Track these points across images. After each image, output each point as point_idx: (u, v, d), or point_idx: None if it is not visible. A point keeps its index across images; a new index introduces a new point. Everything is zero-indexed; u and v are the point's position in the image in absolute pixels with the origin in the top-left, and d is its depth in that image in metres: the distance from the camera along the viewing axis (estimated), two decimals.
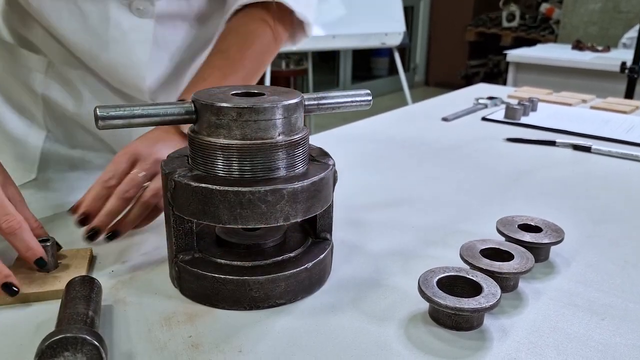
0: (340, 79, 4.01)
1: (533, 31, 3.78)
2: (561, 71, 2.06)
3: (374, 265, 0.45)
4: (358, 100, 0.44)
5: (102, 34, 0.53)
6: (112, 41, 0.53)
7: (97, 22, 0.53)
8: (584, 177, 0.68)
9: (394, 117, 0.98)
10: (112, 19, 0.53)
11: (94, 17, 0.52)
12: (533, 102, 1.00)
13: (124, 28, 0.53)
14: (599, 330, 0.37)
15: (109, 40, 0.53)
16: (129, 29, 0.54)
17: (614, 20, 2.89)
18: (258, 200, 0.36)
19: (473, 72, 4.27)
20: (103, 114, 0.36)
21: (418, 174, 0.68)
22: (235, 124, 0.37)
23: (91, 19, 0.52)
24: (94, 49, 0.54)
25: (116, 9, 0.53)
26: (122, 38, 0.54)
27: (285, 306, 0.39)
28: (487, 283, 0.38)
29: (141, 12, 0.53)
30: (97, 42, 0.53)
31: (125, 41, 0.54)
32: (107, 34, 0.53)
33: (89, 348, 0.30)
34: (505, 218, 0.49)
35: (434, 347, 0.35)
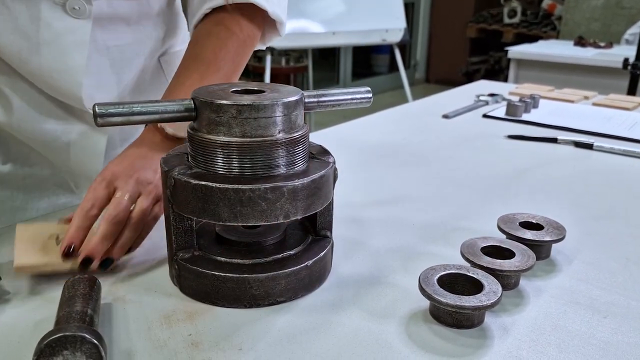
0: (341, 76, 4.00)
1: (535, 27, 3.76)
2: (563, 68, 2.05)
3: (375, 263, 0.45)
4: (358, 98, 0.44)
5: (33, 36, 0.49)
6: (44, 43, 0.49)
7: (27, 22, 0.48)
8: (586, 174, 0.68)
9: (394, 115, 0.98)
10: (44, 19, 0.48)
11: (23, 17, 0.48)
12: (534, 99, 1.00)
13: (57, 29, 0.49)
14: (601, 328, 0.37)
15: (40, 43, 0.49)
16: (63, 31, 0.49)
17: (616, 17, 2.87)
18: (258, 197, 0.36)
19: (474, 69, 4.25)
20: (102, 111, 0.36)
21: (418, 171, 0.68)
22: (235, 121, 0.36)
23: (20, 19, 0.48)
24: (24, 52, 0.49)
25: (48, 9, 0.48)
26: (55, 40, 0.50)
27: (285, 304, 0.39)
28: (488, 281, 0.38)
29: (77, 12, 0.49)
30: (26, 44, 0.49)
31: (59, 44, 0.50)
32: (38, 36, 0.49)
33: (88, 346, 0.29)
34: (507, 215, 0.49)
35: (434, 345, 0.35)
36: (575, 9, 3.00)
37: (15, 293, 0.40)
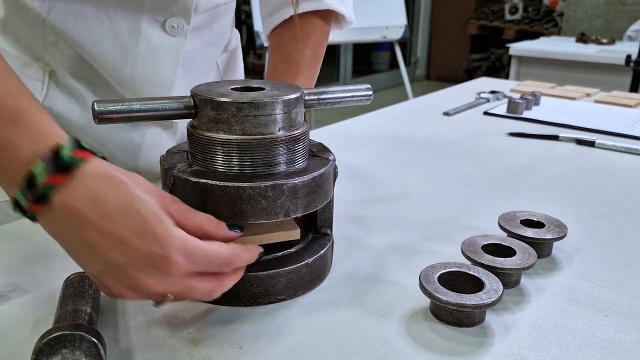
0: (341, 73, 3.99)
1: (536, 24, 3.75)
2: (565, 65, 2.04)
3: (375, 260, 0.45)
4: (359, 95, 0.43)
5: (130, 48, 0.52)
6: (140, 56, 0.52)
7: (127, 35, 0.51)
8: (588, 172, 0.68)
9: (395, 112, 0.97)
10: (143, 34, 0.51)
11: (123, 30, 0.51)
12: (536, 96, 0.99)
13: (154, 44, 0.52)
14: (603, 326, 0.37)
15: (137, 55, 0.52)
16: (159, 46, 0.52)
17: (618, 13, 2.86)
18: (258, 195, 0.36)
19: (475, 66, 4.24)
20: (101, 108, 0.36)
21: (419, 169, 0.68)
22: (235, 119, 0.36)
23: (120, 32, 0.51)
24: (119, 62, 0.52)
25: (148, 25, 0.51)
26: (151, 54, 0.52)
27: (285, 302, 0.39)
28: (488, 279, 0.37)
29: (175, 30, 0.52)
30: (123, 55, 0.52)
31: (154, 57, 0.53)
32: (136, 49, 0.52)
33: (88, 345, 0.29)
34: (508, 213, 0.49)
35: (435, 343, 0.35)
36: (577, 6, 2.99)
37: (14, 291, 0.40)
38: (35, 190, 0.29)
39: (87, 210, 0.29)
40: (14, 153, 0.30)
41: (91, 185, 0.30)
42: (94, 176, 0.30)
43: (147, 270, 0.30)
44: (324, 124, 0.91)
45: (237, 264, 0.33)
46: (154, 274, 0.30)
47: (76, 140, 0.31)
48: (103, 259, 0.30)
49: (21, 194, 0.29)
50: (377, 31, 2.53)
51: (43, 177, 0.29)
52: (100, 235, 0.29)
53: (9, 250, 0.45)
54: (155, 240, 0.29)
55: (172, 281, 0.31)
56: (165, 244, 0.30)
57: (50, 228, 0.31)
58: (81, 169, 0.30)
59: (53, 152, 0.29)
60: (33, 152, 0.30)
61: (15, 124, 0.30)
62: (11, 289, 0.40)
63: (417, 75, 4.57)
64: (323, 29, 0.62)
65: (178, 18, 0.52)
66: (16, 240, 0.47)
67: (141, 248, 0.29)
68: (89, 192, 0.29)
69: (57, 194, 0.29)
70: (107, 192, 0.30)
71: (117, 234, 0.29)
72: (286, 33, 0.60)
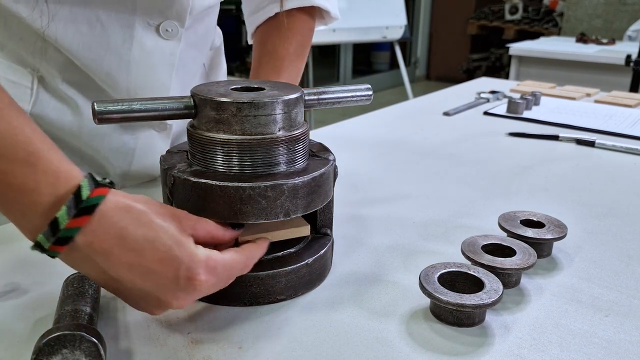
0: (341, 73, 3.99)
1: (536, 24, 3.75)
2: (565, 65, 2.04)
3: (375, 260, 0.45)
4: (359, 95, 0.43)
5: (124, 54, 0.51)
6: (134, 62, 0.51)
7: (120, 41, 0.50)
8: (588, 172, 0.68)
9: (394, 112, 0.97)
10: (137, 39, 0.50)
11: (116, 36, 0.50)
12: (536, 96, 0.99)
13: (148, 49, 0.51)
14: (603, 326, 0.37)
15: (131, 61, 0.51)
16: (153, 51, 0.51)
17: (618, 13, 2.86)
18: (258, 195, 0.36)
19: (475, 66, 4.24)
20: (101, 108, 0.36)
21: (419, 169, 0.68)
22: (235, 119, 0.36)
23: (113, 37, 0.50)
24: (113, 68, 0.51)
25: (142, 30, 0.50)
26: (145, 59, 0.52)
27: (285, 302, 0.39)
28: (489, 279, 0.37)
29: (169, 34, 0.51)
30: (116, 61, 0.51)
31: (148, 62, 0.52)
32: (130, 54, 0.51)
33: (87, 345, 0.29)
34: (508, 213, 0.49)
35: (435, 343, 0.35)
36: (577, 6, 2.99)
37: (14, 291, 0.40)
38: (58, 233, 0.29)
39: (112, 247, 0.30)
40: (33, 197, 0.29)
41: (114, 222, 0.30)
42: (114, 211, 0.30)
43: (176, 294, 0.31)
44: (324, 124, 0.91)
45: (252, 263, 0.36)
46: (182, 295, 0.32)
47: (91, 176, 0.31)
48: (132, 287, 0.31)
49: (44, 238, 0.29)
50: (377, 31, 2.53)
51: (66, 221, 0.29)
52: (127, 268, 0.30)
53: (9, 250, 0.45)
54: (180, 264, 0.31)
55: (200, 294, 0.33)
56: (190, 266, 0.31)
57: (72, 263, 0.32)
58: (102, 208, 0.30)
59: (75, 195, 0.29)
60: (54, 196, 0.29)
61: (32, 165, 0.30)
62: (11, 289, 0.40)
63: (417, 75, 4.57)
64: (308, 26, 0.61)
65: (172, 21, 0.51)
66: (16, 240, 0.47)
67: (169, 274, 0.31)
68: (113, 228, 0.30)
69: (81, 235, 0.29)
70: (128, 225, 0.30)
71: (144, 265, 0.30)
72: (271, 30, 0.59)
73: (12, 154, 0.29)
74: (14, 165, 0.29)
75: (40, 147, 0.30)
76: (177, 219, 0.33)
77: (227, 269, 0.33)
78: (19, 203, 0.30)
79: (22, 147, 0.30)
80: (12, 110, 0.31)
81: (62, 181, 0.30)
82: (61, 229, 0.29)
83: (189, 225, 0.33)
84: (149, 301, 0.32)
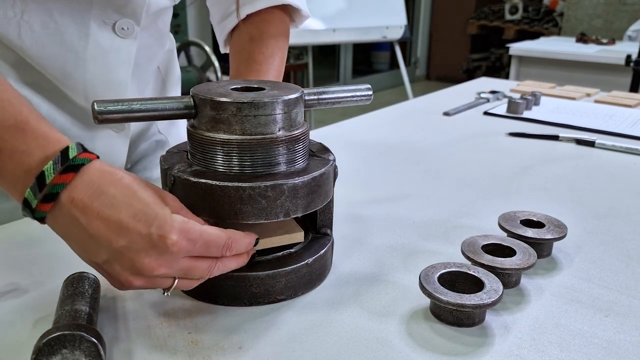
0: (341, 73, 3.99)
1: (536, 24, 3.75)
2: (565, 65, 2.04)
3: (375, 260, 0.45)
4: (359, 95, 0.43)
5: (80, 51, 0.50)
6: (91, 59, 0.50)
7: (75, 38, 0.49)
8: (588, 172, 0.68)
9: (395, 112, 0.97)
10: (92, 37, 0.50)
11: (70, 32, 0.49)
12: (536, 96, 0.99)
13: (103, 47, 0.50)
14: (603, 326, 0.37)
15: (87, 58, 0.50)
16: (110, 49, 0.51)
17: (619, 13, 2.86)
18: (258, 195, 0.36)
19: (475, 65, 4.24)
20: (101, 108, 0.36)
21: (419, 169, 0.68)
22: (235, 119, 0.36)
23: (68, 34, 0.49)
24: (69, 65, 0.50)
25: (97, 27, 0.49)
26: (102, 57, 0.51)
27: (285, 302, 0.39)
28: (488, 279, 0.37)
29: (125, 32, 0.51)
30: (73, 58, 0.50)
31: (105, 60, 0.51)
32: (85, 52, 0.50)
33: (87, 345, 0.29)
34: (508, 213, 0.49)
35: (435, 343, 0.35)
36: (577, 5, 2.99)
37: (14, 291, 0.40)
38: (45, 189, 0.31)
39: (91, 202, 0.31)
40: (24, 158, 0.32)
41: (95, 180, 0.32)
42: (97, 172, 0.32)
43: (149, 252, 0.31)
44: (324, 124, 0.91)
45: (237, 248, 0.35)
46: (154, 255, 0.31)
47: (81, 144, 0.33)
48: (107, 246, 0.32)
49: (32, 194, 0.31)
50: (377, 31, 2.53)
51: (52, 176, 0.31)
52: (103, 223, 0.31)
53: (9, 250, 0.45)
54: (155, 221, 0.31)
55: (173, 262, 0.32)
56: (164, 225, 0.31)
57: (57, 225, 0.33)
58: (86, 167, 0.32)
59: (62, 153, 0.32)
60: (43, 156, 0.32)
61: (23, 131, 0.33)
62: (11, 289, 0.40)
63: (417, 75, 4.57)
64: (282, 27, 0.60)
65: (128, 20, 0.51)
66: (16, 240, 0.47)
67: (142, 230, 0.31)
68: (93, 185, 0.32)
69: (65, 191, 0.32)
70: (109, 184, 0.32)
71: (118, 220, 0.31)
72: (243, 35, 0.59)
73: (2, 122, 0.32)
74: (4, 131, 0.32)
75: (29, 116, 0.33)
76: (162, 194, 0.34)
77: (203, 238, 0.33)
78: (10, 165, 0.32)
79: (11, 116, 0.33)
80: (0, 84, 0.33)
81: (52, 144, 0.33)
82: (47, 183, 0.31)
83: (173, 205, 0.34)
84: (124, 263, 0.32)
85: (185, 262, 0.33)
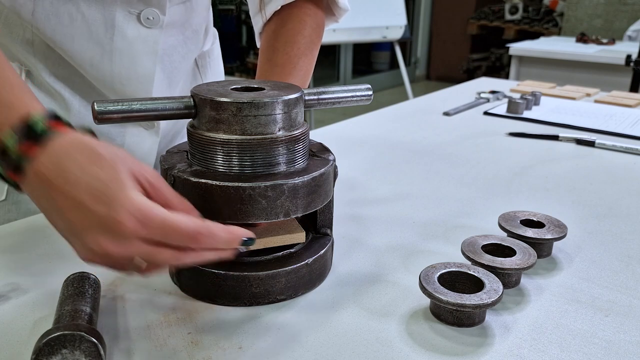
0: (341, 73, 3.99)
1: (536, 24, 3.75)
2: (565, 64, 2.04)
3: (375, 260, 0.45)
4: (359, 95, 0.43)
5: (106, 43, 0.50)
6: (117, 51, 0.51)
7: (102, 30, 0.50)
8: (588, 171, 0.68)
9: (395, 112, 0.97)
10: (118, 28, 0.50)
11: (97, 25, 0.50)
12: (536, 96, 0.99)
13: (130, 38, 0.51)
14: (603, 326, 0.37)
15: (113, 50, 0.51)
16: (135, 39, 0.51)
17: (619, 13, 2.86)
18: (258, 195, 0.36)
19: (475, 65, 4.24)
20: (101, 108, 0.36)
21: (419, 169, 0.68)
22: (235, 119, 0.36)
23: (95, 27, 0.49)
24: (96, 58, 0.51)
25: (123, 18, 0.50)
26: (128, 48, 0.51)
27: (285, 302, 0.39)
28: (489, 279, 0.37)
29: (150, 22, 0.51)
30: (99, 51, 0.50)
31: (131, 51, 0.52)
32: (112, 43, 0.50)
33: (87, 345, 0.29)
34: (508, 213, 0.49)
35: (435, 343, 0.35)
36: (577, 5, 2.99)
37: (14, 291, 0.40)
38: (10, 160, 0.31)
39: (54, 177, 0.31)
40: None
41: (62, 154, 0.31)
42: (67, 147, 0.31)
43: (103, 233, 0.30)
44: (324, 124, 0.91)
45: (209, 243, 0.31)
46: (109, 237, 0.30)
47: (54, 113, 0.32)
48: (66, 220, 0.31)
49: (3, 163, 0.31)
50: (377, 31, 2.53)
51: (15, 147, 0.31)
52: (64, 198, 0.31)
53: (9, 250, 0.45)
54: (108, 202, 0.30)
55: (128, 245, 0.30)
56: (117, 206, 0.30)
57: (29, 193, 0.33)
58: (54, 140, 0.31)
59: (23, 122, 0.31)
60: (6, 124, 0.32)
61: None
62: (11, 289, 0.40)
63: (417, 75, 4.57)
64: (316, 21, 0.58)
65: (153, 9, 0.51)
66: (16, 240, 0.47)
67: (96, 210, 0.30)
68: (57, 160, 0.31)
69: (30, 164, 0.31)
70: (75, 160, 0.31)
71: (76, 197, 0.31)
72: (269, 32, 0.57)
73: None
74: None
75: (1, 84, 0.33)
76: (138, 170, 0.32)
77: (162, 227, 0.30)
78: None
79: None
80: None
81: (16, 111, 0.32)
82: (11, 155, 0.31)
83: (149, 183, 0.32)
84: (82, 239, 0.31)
85: (142, 247, 0.31)
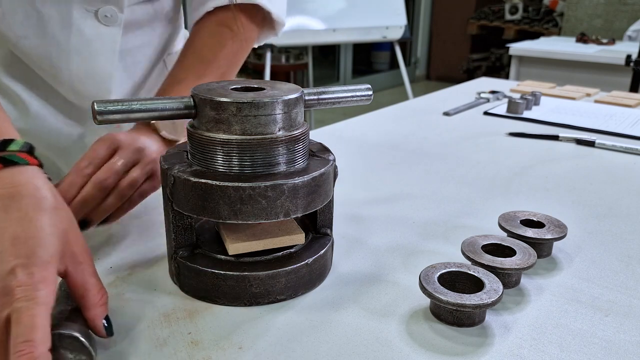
0: (341, 73, 3.99)
1: (536, 24, 3.75)
2: (565, 65, 2.04)
3: (375, 260, 0.45)
4: (359, 95, 0.43)
5: (63, 41, 0.49)
6: (74, 50, 0.49)
7: (58, 27, 0.48)
8: (588, 171, 0.68)
9: (395, 112, 0.97)
10: (75, 26, 0.49)
11: (53, 22, 0.48)
12: (536, 96, 0.99)
13: (87, 36, 0.49)
14: (603, 326, 0.37)
15: (71, 49, 0.49)
16: (93, 37, 0.50)
17: (619, 13, 2.86)
18: (258, 195, 0.36)
19: (475, 65, 4.24)
20: (101, 108, 0.36)
21: (419, 169, 0.68)
22: (235, 119, 0.36)
23: (51, 24, 0.48)
24: (53, 57, 0.49)
25: (80, 16, 0.48)
26: (86, 46, 0.50)
27: (285, 302, 0.39)
28: (489, 279, 0.37)
29: (108, 19, 0.50)
30: (56, 49, 0.49)
31: (89, 50, 0.50)
32: (69, 42, 0.49)
33: (69, 341, 0.29)
34: (508, 213, 0.49)
35: (435, 343, 0.35)
36: (577, 5, 2.99)
37: None
38: None
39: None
40: None
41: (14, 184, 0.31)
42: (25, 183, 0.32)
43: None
44: (324, 124, 0.91)
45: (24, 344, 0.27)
46: None
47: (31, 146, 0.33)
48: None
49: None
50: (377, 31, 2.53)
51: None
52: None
53: None
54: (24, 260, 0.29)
55: None
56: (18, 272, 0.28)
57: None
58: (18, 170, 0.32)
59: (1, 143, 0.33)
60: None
61: None
62: None
63: (417, 75, 4.57)
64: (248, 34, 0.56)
65: (110, 7, 0.50)
66: None
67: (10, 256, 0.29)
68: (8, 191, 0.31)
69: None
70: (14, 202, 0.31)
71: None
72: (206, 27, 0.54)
73: None
74: None
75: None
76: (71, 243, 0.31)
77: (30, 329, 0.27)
78: None
79: None
80: None
81: None
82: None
83: (72, 261, 0.31)
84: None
85: None
